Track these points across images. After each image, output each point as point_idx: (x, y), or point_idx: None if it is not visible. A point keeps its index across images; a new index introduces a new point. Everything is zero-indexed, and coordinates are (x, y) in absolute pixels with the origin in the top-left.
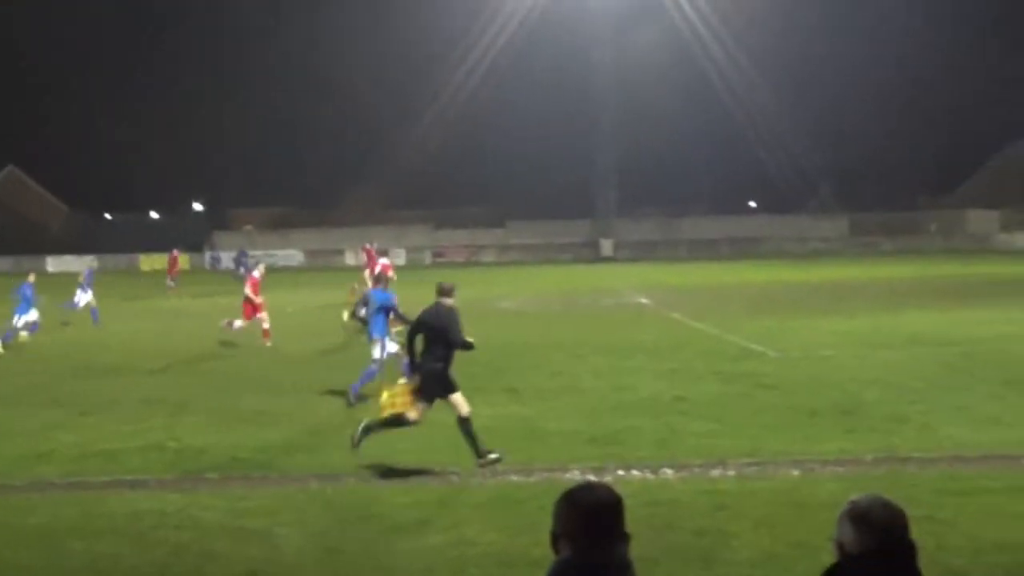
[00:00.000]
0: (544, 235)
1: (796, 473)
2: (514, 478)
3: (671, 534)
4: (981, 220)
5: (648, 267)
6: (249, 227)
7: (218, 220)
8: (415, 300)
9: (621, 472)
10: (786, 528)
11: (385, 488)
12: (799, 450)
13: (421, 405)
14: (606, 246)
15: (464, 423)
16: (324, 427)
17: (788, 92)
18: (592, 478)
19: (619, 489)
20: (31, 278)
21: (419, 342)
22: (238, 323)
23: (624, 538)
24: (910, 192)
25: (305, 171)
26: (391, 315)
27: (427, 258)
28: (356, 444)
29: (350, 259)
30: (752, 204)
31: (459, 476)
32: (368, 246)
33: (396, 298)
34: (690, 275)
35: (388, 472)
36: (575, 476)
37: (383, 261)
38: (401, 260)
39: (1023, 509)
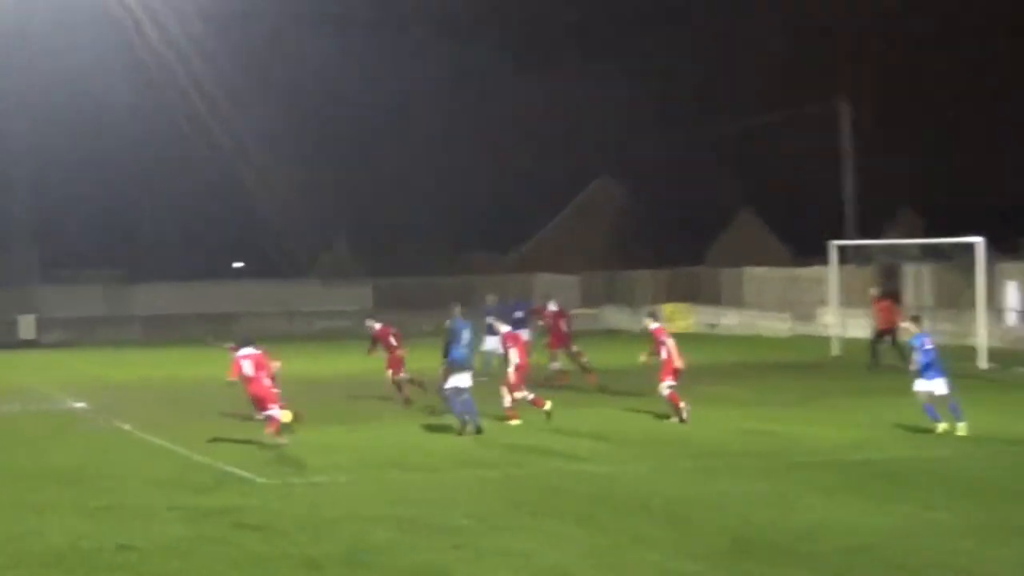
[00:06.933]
0: None
1: None
2: None
3: None
4: (554, 288)
5: (87, 355)
6: None
7: None
8: None
9: None
10: None
11: None
12: None
13: None
14: (26, 325)
15: None
16: None
17: (292, 130)
18: None
19: None
20: None
21: None
22: None
23: None
24: (457, 252)
25: None
26: None
27: None
28: None
29: None
30: (238, 265)
31: None
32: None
33: None
34: (147, 366)
35: None
36: None
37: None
38: None
39: None
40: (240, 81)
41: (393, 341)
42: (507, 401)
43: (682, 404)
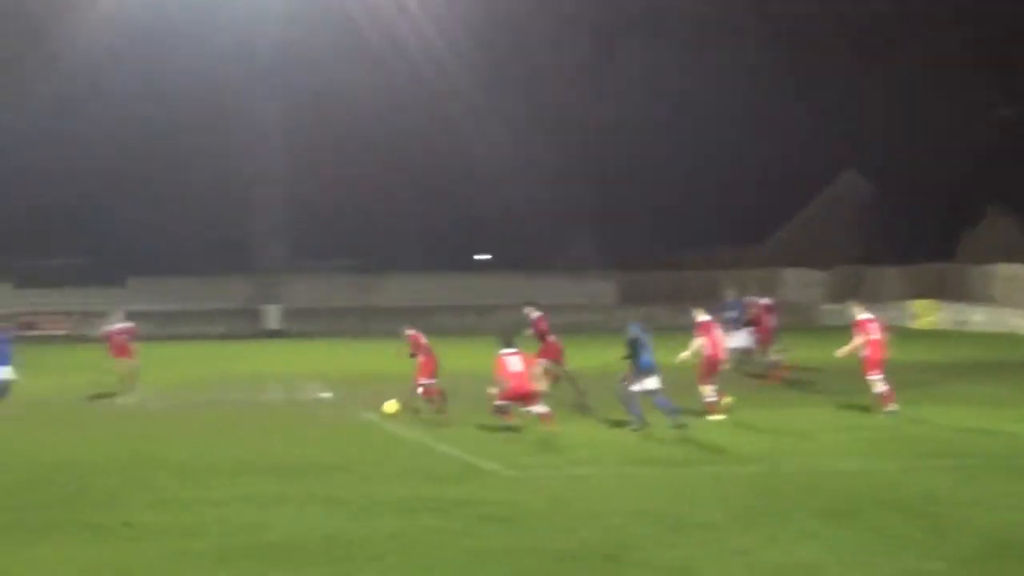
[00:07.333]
0: (181, 298)
1: None
2: None
3: None
4: (801, 284)
5: (332, 345)
6: None
7: None
8: None
9: None
10: None
11: None
12: None
13: None
14: (272, 314)
15: None
16: None
17: (538, 122)
18: None
19: None
20: None
21: None
22: None
23: None
24: (705, 244)
25: None
26: None
27: (9, 330)
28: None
29: None
30: (481, 257)
31: None
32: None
33: None
34: (392, 357)
35: None
36: None
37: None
38: None
39: None
40: (487, 74)
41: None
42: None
43: (890, 407)
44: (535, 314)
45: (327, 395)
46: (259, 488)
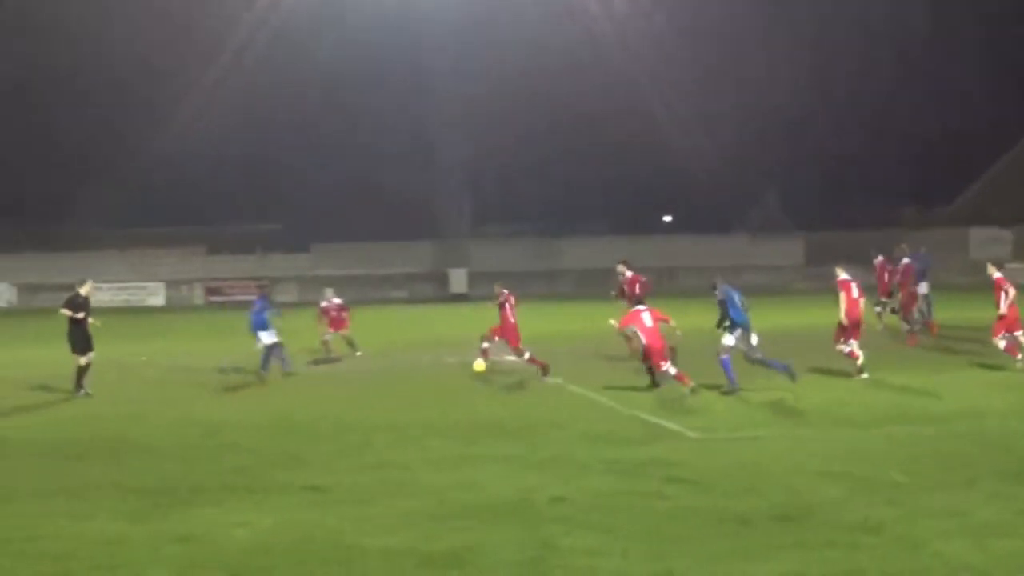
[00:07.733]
0: (367, 263)
1: None
2: None
3: None
4: (986, 242)
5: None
6: None
7: None
8: None
9: None
10: None
11: None
12: (725, 572)
13: None
14: (457, 278)
15: None
16: None
17: (716, 70)
18: None
19: None
20: None
21: None
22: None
23: None
24: (890, 204)
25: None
26: None
27: (198, 295)
28: None
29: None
30: (667, 219)
31: None
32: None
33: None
34: (577, 320)
35: None
36: None
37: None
38: (159, 299)
39: None
40: (670, 36)
41: (638, 291)
42: (844, 350)
43: (1020, 355)
44: (628, 273)
45: (512, 358)
46: (465, 449)
